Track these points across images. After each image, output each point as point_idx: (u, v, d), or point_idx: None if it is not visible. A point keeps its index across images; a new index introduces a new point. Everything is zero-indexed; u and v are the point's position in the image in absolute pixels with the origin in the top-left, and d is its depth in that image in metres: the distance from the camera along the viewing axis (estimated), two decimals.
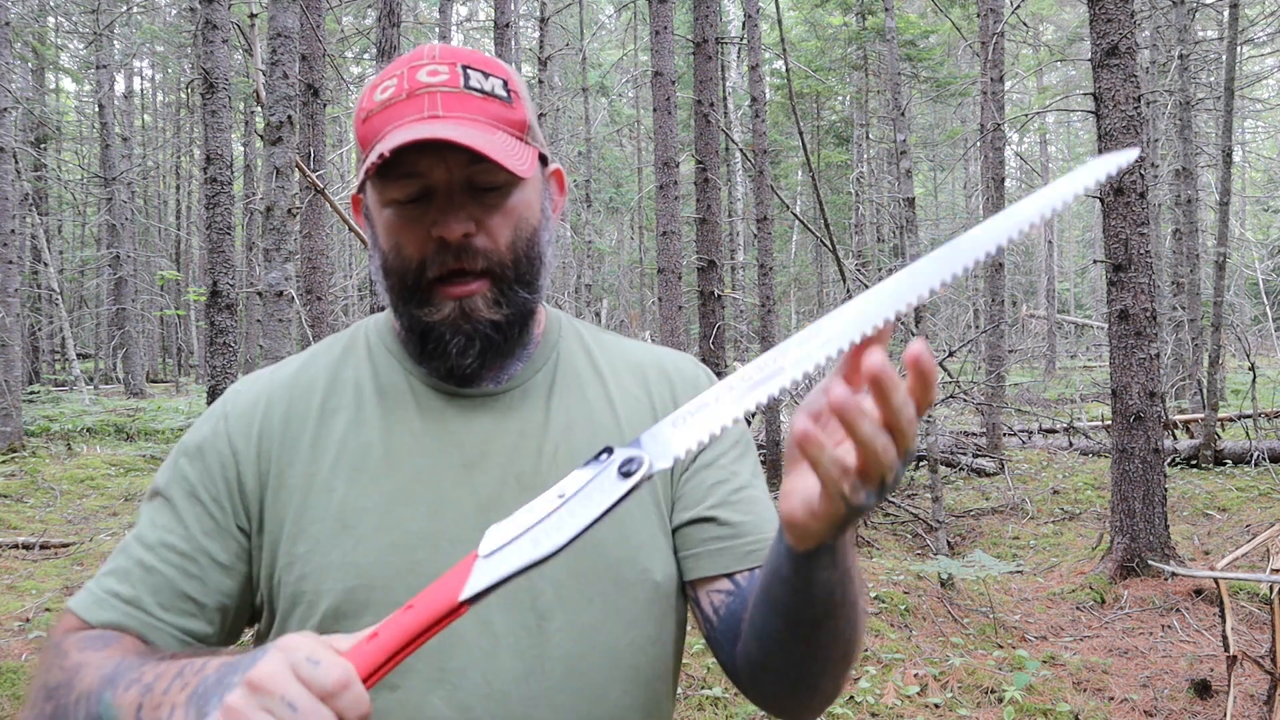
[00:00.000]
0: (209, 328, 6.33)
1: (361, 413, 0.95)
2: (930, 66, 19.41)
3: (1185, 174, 11.17)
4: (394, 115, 0.89)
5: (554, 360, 1.02)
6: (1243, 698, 3.60)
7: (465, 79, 0.91)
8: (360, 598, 0.88)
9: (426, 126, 0.86)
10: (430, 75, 0.91)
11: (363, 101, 0.93)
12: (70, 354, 17.04)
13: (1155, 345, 5.26)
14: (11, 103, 10.83)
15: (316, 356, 1.01)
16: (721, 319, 8.27)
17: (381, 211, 0.92)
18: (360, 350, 1.01)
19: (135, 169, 22.06)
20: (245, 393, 0.98)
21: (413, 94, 0.90)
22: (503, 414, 0.96)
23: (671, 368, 1.07)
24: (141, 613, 0.90)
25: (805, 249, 24.74)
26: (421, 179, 0.88)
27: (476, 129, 0.88)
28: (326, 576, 0.89)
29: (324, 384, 0.98)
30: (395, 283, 0.93)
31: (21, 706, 0.88)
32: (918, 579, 5.02)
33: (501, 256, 0.91)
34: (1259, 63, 20.53)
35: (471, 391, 0.97)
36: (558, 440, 0.96)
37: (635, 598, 0.94)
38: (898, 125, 6.84)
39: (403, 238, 0.91)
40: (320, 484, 0.92)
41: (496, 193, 0.90)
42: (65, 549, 6.22)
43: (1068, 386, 16.26)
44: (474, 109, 0.90)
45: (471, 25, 25.37)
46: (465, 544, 0.88)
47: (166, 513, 0.94)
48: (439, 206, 0.89)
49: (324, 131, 9.28)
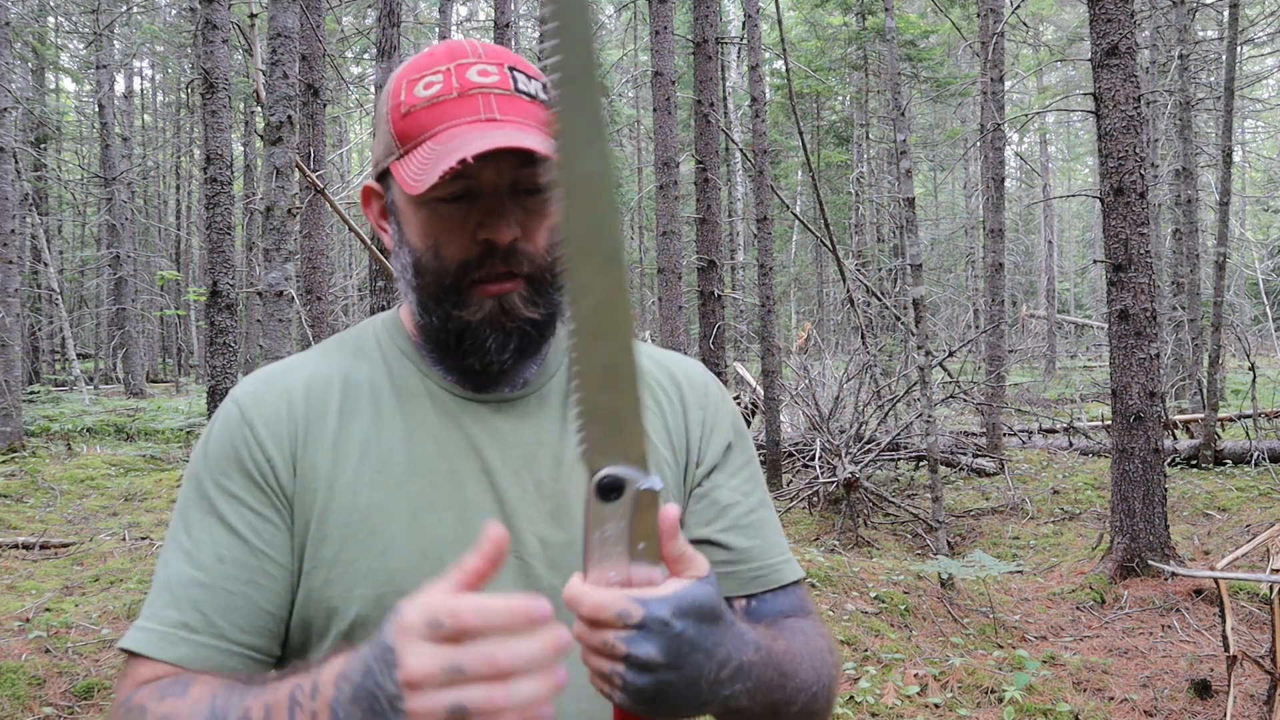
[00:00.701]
0: (209, 328, 6.33)
1: (380, 416, 0.93)
2: (930, 66, 19.41)
3: (1185, 174, 11.17)
4: (447, 114, 0.88)
5: (567, 364, 1.00)
6: (1243, 698, 3.60)
7: (515, 81, 0.90)
8: (389, 604, 0.83)
9: (501, 133, 0.84)
10: (481, 75, 0.89)
11: (400, 94, 0.91)
12: (70, 354, 17.05)
13: (1155, 345, 5.26)
14: (11, 103, 10.83)
15: (328, 357, 0.98)
16: (721, 319, 8.27)
17: (417, 209, 0.90)
18: (372, 352, 0.98)
19: (135, 169, 22.06)
20: (264, 396, 0.94)
21: (465, 93, 0.88)
22: (520, 420, 0.95)
23: (681, 375, 1.06)
24: (218, 639, 0.86)
25: (805, 249, 24.74)
26: (467, 179, 0.86)
27: (534, 134, 0.86)
28: (355, 583, 0.87)
29: (339, 386, 0.95)
30: (430, 282, 0.90)
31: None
32: (918, 579, 5.02)
33: (542, 260, 0.90)
34: (1259, 63, 20.54)
35: (488, 396, 0.95)
36: (575, 450, 0.94)
37: None
38: (898, 125, 6.84)
39: (443, 238, 0.89)
40: (344, 488, 0.90)
41: (539, 196, 0.89)
42: (65, 549, 6.21)
43: (1068, 386, 16.26)
44: (524, 112, 0.89)
45: (471, 25, 25.37)
46: None
47: (218, 530, 0.89)
48: (486, 209, 0.88)
49: (324, 131, 9.28)
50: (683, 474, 1.00)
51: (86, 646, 4.11)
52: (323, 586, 0.88)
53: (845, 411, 8.05)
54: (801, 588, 1.02)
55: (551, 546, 0.91)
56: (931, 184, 28.69)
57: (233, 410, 0.94)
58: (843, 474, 6.87)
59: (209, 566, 0.88)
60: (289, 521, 0.90)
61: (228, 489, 0.90)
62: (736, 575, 0.97)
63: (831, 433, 7.46)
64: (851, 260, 16.61)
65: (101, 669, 3.92)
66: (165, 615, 0.86)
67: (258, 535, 0.89)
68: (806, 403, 7.89)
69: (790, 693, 0.85)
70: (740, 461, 1.03)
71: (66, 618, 4.47)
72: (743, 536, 0.98)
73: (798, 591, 1.01)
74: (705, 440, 1.01)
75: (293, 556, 0.90)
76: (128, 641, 0.86)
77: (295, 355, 1.01)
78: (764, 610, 0.98)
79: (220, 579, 0.87)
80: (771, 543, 1.00)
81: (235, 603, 0.87)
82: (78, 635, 4.24)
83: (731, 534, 0.98)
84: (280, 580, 0.89)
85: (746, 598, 0.97)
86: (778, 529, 1.03)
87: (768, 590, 0.98)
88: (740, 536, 0.98)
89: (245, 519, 0.89)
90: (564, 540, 0.92)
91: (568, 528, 0.92)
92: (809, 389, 7.99)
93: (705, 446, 1.01)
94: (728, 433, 1.03)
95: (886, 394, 8.43)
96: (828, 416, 7.61)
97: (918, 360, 6.56)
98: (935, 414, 6.95)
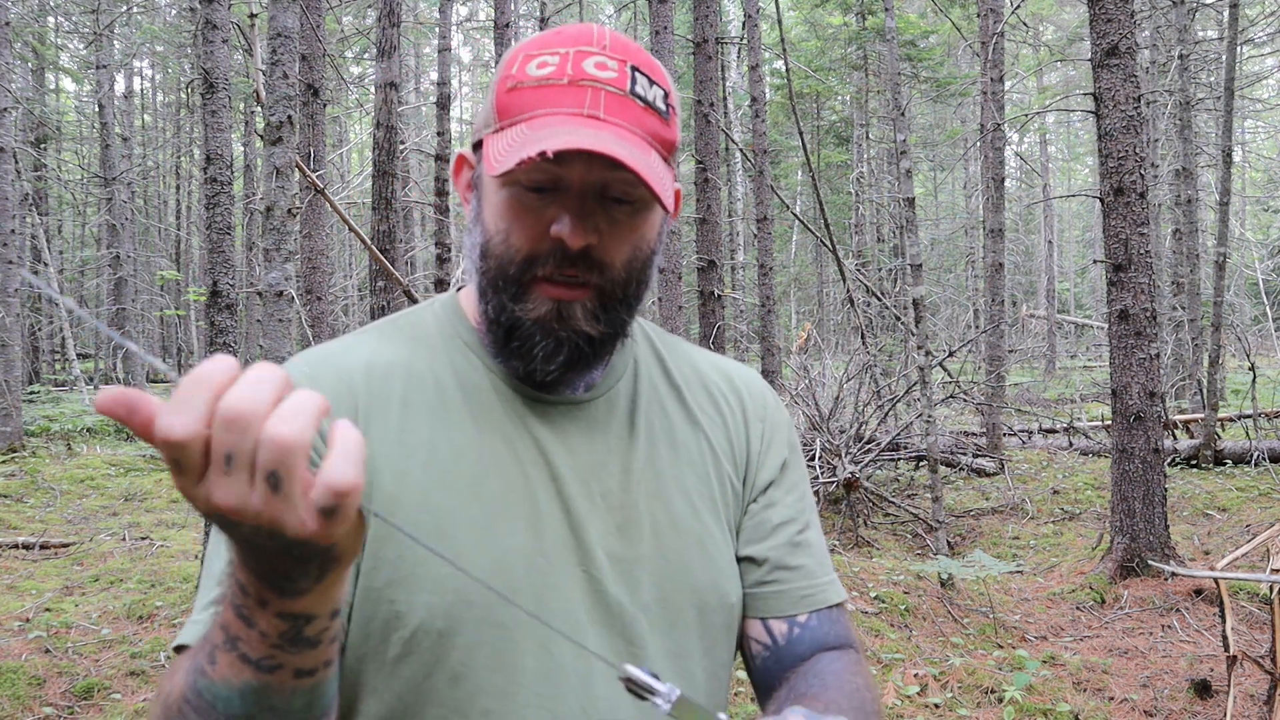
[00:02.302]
0: (209, 328, 6.33)
1: (448, 413, 0.87)
2: (930, 66, 19.41)
3: (1185, 174, 11.17)
4: (549, 99, 0.83)
5: (633, 368, 0.97)
6: (1243, 698, 3.60)
7: (632, 83, 0.85)
8: (457, 614, 0.81)
9: (591, 133, 0.79)
10: (598, 68, 0.84)
11: (511, 67, 0.86)
12: (70, 354, 17.05)
13: (1155, 345, 5.26)
14: (11, 103, 10.83)
15: (385, 342, 0.92)
16: (721, 319, 8.27)
17: (499, 190, 0.85)
18: (434, 341, 0.92)
19: (135, 169, 22.06)
20: (320, 378, 0.87)
21: (575, 82, 0.83)
22: (588, 426, 0.91)
23: (741, 384, 1.02)
24: None
25: (805, 249, 24.74)
26: (555, 171, 0.82)
27: (635, 144, 0.82)
28: (420, 589, 0.81)
29: (402, 374, 0.89)
30: (494, 267, 0.85)
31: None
32: (918, 579, 5.02)
33: (615, 274, 0.85)
34: (1259, 63, 20.54)
35: (555, 398, 0.90)
36: (643, 460, 0.92)
37: (714, 623, 0.91)
38: (898, 125, 6.84)
39: (515, 225, 0.84)
40: (413, 485, 0.83)
41: (626, 207, 0.84)
42: (65, 549, 6.21)
43: (1068, 386, 16.26)
44: (634, 118, 0.84)
45: (471, 25, 25.37)
46: (561, 564, 0.85)
47: None
48: (567, 207, 0.83)
49: (324, 131, 9.28)
50: (741, 485, 0.97)
51: (86, 646, 4.11)
52: (386, 587, 0.82)
53: (845, 411, 8.05)
54: (844, 612, 1.00)
55: (620, 561, 0.87)
56: (931, 184, 28.69)
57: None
58: (843, 474, 6.88)
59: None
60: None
61: None
62: (786, 594, 0.95)
63: (831, 433, 7.46)
64: (851, 260, 16.62)
65: (101, 669, 3.92)
66: (213, 611, 0.82)
67: None
68: (806, 403, 7.89)
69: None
70: (795, 479, 1.00)
71: (66, 618, 4.47)
72: (795, 554, 0.96)
73: (841, 618, 0.98)
74: (764, 454, 0.99)
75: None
76: (182, 635, 0.82)
77: (346, 336, 0.95)
78: (806, 639, 0.94)
79: None
80: (820, 562, 0.98)
81: None
82: (78, 635, 4.24)
83: (784, 551, 0.96)
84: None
85: (789, 620, 0.94)
86: (824, 549, 1.00)
87: (814, 610, 0.96)
88: (792, 554, 0.96)
89: None
90: (632, 555, 0.88)
91: (635, 542, 0.88)
92: (809, 389, 7.99)
93: (763, 461, 0.99)
94: (784, 449, 1.01)
95: (886, 394, 8.43)
96: (828, 416, 7.61)
97: (918, 360, 6.56)
98: (935, 414, 6.95)
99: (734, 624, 0.94)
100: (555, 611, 0.83)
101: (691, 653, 0.89)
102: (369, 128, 14.55)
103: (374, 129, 7.15)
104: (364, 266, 18.91)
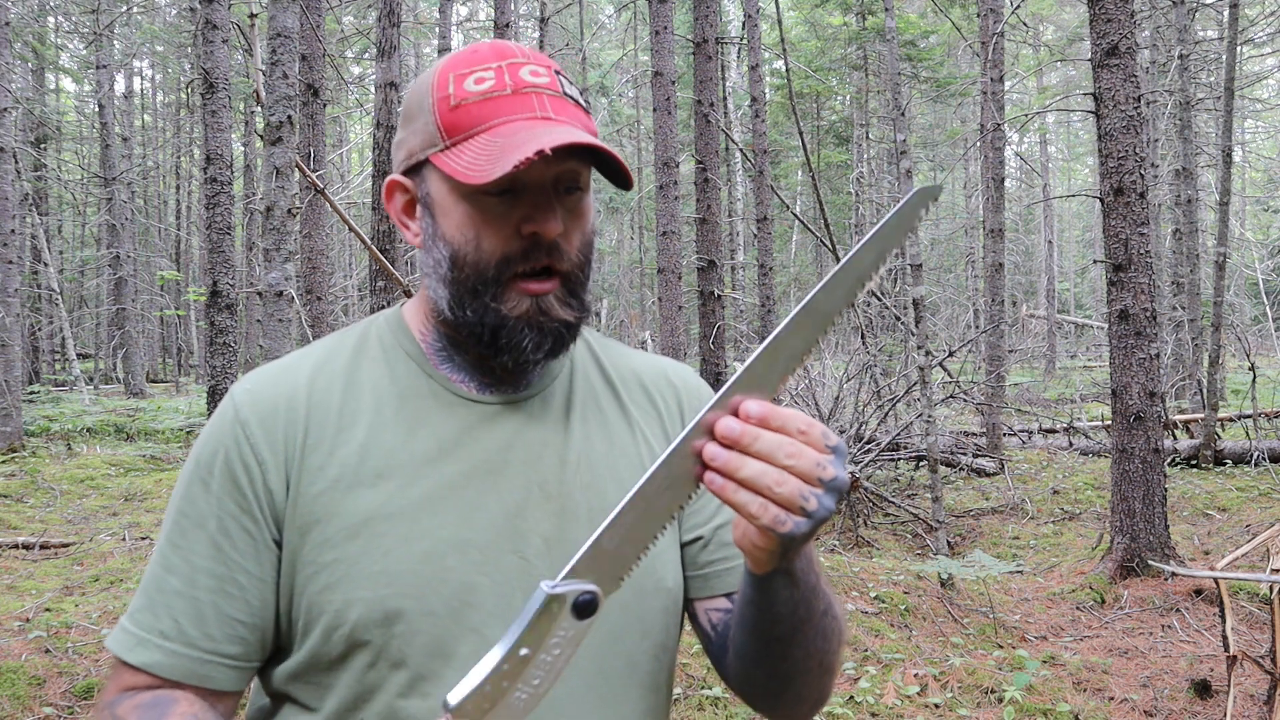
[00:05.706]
0: (209, 328, 6.34)
1: (381, 417, 0.92)
2: (930, 66, 19.41)
3: (1185, 174, 11.17)
4: (502, 109, 0.88)
5: (569, 367, 1.01)
6: (1243, 698, 3.60)
7: (562, 85, 0.92)
8: (393, 606, 0.86)
9: (565, 130, 0.86)
10: (533, 76, 0.90)
11: (447, 87, 0.90)
12: (70, 354, 17.05)
13: (1155, 345, 5.26)
14: (11, 103, 10.83)
15: (329, 357, 0.97)
16: (721, 319, 8.27)
17: (458, 202, 0.90)
18: (374, 352, 0.97)
19: (135, 169, 22.06)
20: (261, 396, 0.93)
21: (519, 91, 0.89)
22: (524, 421, 0.95)
23: (677, 379, 1.07)
24: (189, 647, 0.87)
25: (805, 249, 24.74)
26: (514, 174, 0.86)
27: (589, 135, 0.88)
28: (357, 586, 0.86)
29: (341, 387, 0.94)
30: (470, 275, 0.90)
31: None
32: (918, 579, 5.02)
33: (575, 259, 0.92)
34: (1259, 63, 20.53)
35: (491, 399, 0.95)
36: (579, 451, 0.96)
37: (652, 606, 0.95)
38: (898, 125, 6.84)
39: (484, 230, 0.89)
40: (344, 491, 0.89)
41: (577, 194, 0.91)
42: (65, 549, 6.21)
43: (1068, 386, 16.26)
44: (573, 114, 0.90)
45: (471, 25, 25.36)
46: (494, 551, 0.89)
47: (195, 535, 0.89)
48: (534, 203, 0.88)
49: (324, 131, 9.28)
50: None
51: (86, 646, 4.11)
52: (323, 590, 0.87)
53: (845, 411, 8.05)
54: None
55: (556, 545, 0.91)
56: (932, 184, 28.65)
57: (228, 409, 0.93)
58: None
59: (183, 573, 0.88)
60: (272, 528, 0.89)
61: (211, 491, 0.90)
62: (735, 571, 0.98)
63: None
64: None
65: (101, 669, 3.92)
66: (141, 619, 0.88)
67: (231, 543, 0.88)
68: (806, 403, 7.89)
69: (831, 627, 0.90)
70: None
71: (66, 618, 4.47)
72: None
73: None
74: None
75: (274, 564, 0.89)
76: (110, 641, 0.89)
77: (295, 352, 1.00)
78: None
79: (191, 586, 0.88)
80: None
81: (205, 611, 0.88)
82: (78, 635, 4.24)
83: (726, 530, 0.99)
84: (251, 590, 0.88)
85: (729, 597, 0.99)
86: None
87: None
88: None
89: (223, 524, 0.89)
90: (569, 539, 0.91)
91: (572, 527, 0.92)
92: (809, 389, 7.99)
93: None
94: None
95: (886, 394, 8.43)
96: (828, 416, 7.61)
97: (918, 360, 6.56)
98: (935, 414, 6.95)
99: (673, 606, 0.98)
100: (487, 596, 0.88)
101: (629, 634, 0.93)
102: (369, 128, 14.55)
103: (374, 129, 7.15)
104: (364, 266, 18.90)
